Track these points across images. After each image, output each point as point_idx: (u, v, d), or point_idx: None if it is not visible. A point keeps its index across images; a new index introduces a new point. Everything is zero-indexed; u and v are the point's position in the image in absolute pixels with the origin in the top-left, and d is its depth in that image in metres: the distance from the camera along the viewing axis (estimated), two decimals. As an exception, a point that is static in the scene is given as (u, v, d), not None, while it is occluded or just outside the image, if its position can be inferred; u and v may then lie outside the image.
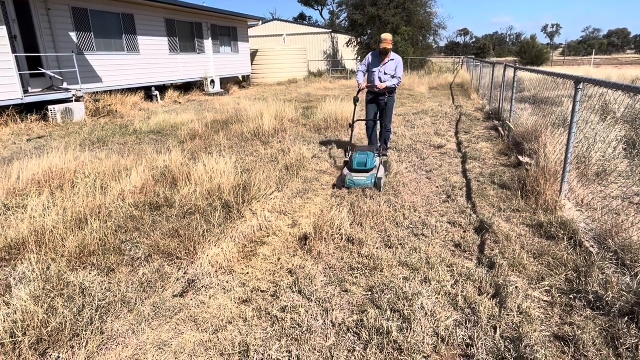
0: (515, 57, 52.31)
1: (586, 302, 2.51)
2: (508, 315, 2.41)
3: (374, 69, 5.72)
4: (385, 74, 5.65)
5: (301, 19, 73.80)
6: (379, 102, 5.82)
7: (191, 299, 2.68)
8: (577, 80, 3.85)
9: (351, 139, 5.78)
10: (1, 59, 8.77)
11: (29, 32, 10.34)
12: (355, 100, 5.44)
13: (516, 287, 2.68)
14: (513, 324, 2.34)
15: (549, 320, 2.40)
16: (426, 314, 2.45)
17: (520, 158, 5.56)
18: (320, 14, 62.40)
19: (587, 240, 3.19)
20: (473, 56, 39.77)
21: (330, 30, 33.10)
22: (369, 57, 5.82)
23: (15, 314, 2.35)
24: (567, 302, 2.54)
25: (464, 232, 3.60)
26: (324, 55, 32.19)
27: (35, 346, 2.21)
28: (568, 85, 4.61)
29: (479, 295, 2.64)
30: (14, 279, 2.81)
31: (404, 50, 27.37)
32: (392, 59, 5.64)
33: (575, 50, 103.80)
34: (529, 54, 49.78)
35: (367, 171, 4.63)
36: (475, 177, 5.14)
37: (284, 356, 2.16)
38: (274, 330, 2.36)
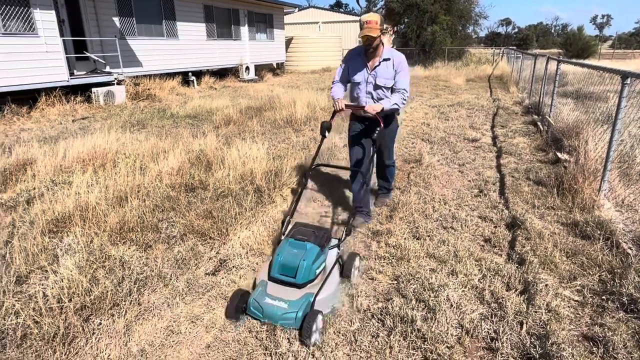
0: (560, 49, 49.80)
1: (619, 304, 2.44)
2: (536, 312, 2.39)
3: (358, 78, 3.35)
4: (377, 85, 3.27)
5: (337, 6, 73.13)
6: (370, 133, 3.43)
7: (222, 278, 2.80)
8: (625, 75, 3.69)
9: (296, 202, 3.00)
10: (50, 42, 9.20)
11: (75, 17, 10.77)
12: (325, 128, 3.10)
13: (546, 285, 2.63)
14: (540, 321, 2.32)
15: (579, 320, 2.36)
16: (451, 305, 2.46)
17: (559, 154, 5.37)
18: (357, 1, 61.70)
19: (624, 242, 3.08)
20: (514, 47, 38.24)
21: (366, 19, 32.56)
22: (348, 57, 3.45)
23: (62, 281, 2.54)
24: (599, 302, 2.48)
25: (495, 227, 3.55)
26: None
27: (79, 312, 2.38)
28: (614, 80, 4.40)
29: (507, 290, 2.62)
30: (61, 249, 3.01)
31: (442, 40, 26.60)
32: (387, 59, 3.23)
33: (626, 42, 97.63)
34: (575, 46, 47.28)
35: (298, 286, 2.41)
36: (509, 172, 5.01)
37: (309, 337, 2.23)
38: (300, 311, 2.43)
